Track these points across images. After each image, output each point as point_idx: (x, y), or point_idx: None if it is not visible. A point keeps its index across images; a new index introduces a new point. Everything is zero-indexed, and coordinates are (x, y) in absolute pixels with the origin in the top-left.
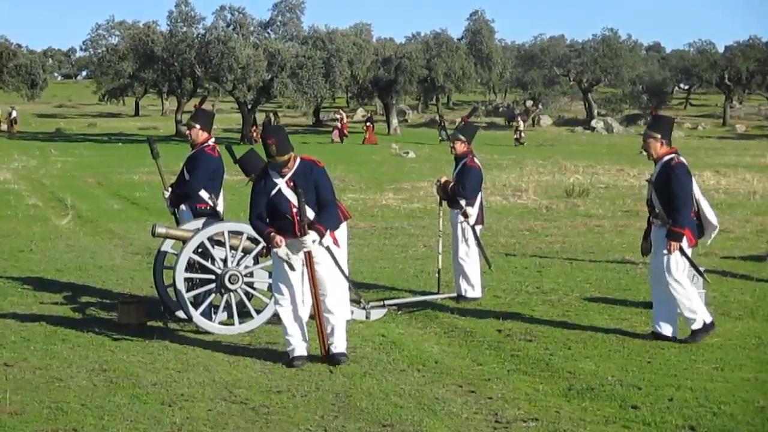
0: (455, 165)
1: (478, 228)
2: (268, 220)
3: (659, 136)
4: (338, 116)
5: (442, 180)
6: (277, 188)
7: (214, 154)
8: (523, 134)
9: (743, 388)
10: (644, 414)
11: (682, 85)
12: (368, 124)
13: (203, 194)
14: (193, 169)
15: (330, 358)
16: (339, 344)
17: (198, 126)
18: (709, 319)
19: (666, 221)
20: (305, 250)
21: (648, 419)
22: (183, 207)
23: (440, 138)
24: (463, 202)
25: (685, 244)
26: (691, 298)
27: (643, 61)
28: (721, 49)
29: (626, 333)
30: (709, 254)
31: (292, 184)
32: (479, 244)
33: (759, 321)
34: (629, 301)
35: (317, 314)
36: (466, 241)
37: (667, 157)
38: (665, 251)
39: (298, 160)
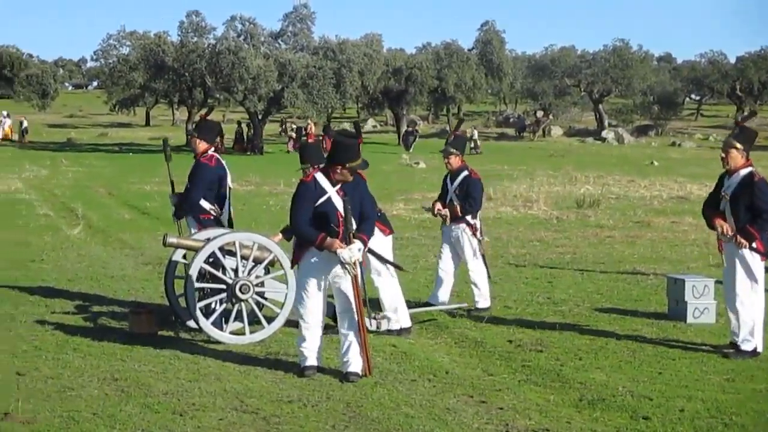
0: (451, 179)
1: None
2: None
3: (741, 147)
4: (307, 125)
5: (441, 211)
6: (327, 196)
7: (211, 164)
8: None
9: (755, 399)
10: (655, 425)
11: (693, 96)
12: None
13: (204, 204)
14: (191, 179)
15: (343, 376)
16: (354, 363)
17: (197, 136)
18: (760, 348)
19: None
20: (354, 258)
21: (659, 430)
22: (189, 218)
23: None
24: (469, 217)
25: (757, 258)
26: (755, 321)
27: (654, 71)
28: (732, 60)
29: (637, 344)
30: None
31: (342, 193)
32: (483, 255)
33: None
34: (640, 312)
35: (360, 326)
36: (474, 253)
37: (746, 171)
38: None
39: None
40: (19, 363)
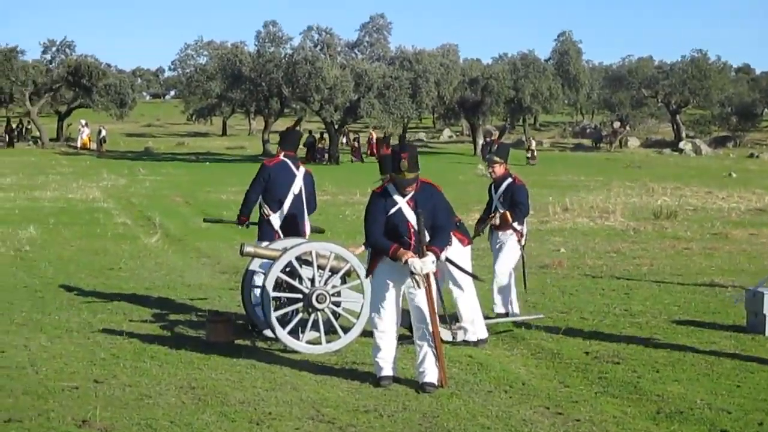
0: (495, 187)
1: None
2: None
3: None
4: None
5: (492, 219)
6: (397, 207)
7: (269, 163)
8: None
9: None
10: None
11: None
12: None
13: (264, 205)
14: None
15: (419, 386)
16: (429, 373)
17: (279, 145)
18: None
19: None
20: (426, 271)
21: None
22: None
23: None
24: (516, 223)
25: None
26: None
27: (732, 82)
28: None
29: (715, 356)
30: None
31: (413, 204)
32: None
33: None
34: (718, 324)
35: (435, 336)
36: (510, 261)
37: None
38: None
39: (420, 182)
40: (98, 371)
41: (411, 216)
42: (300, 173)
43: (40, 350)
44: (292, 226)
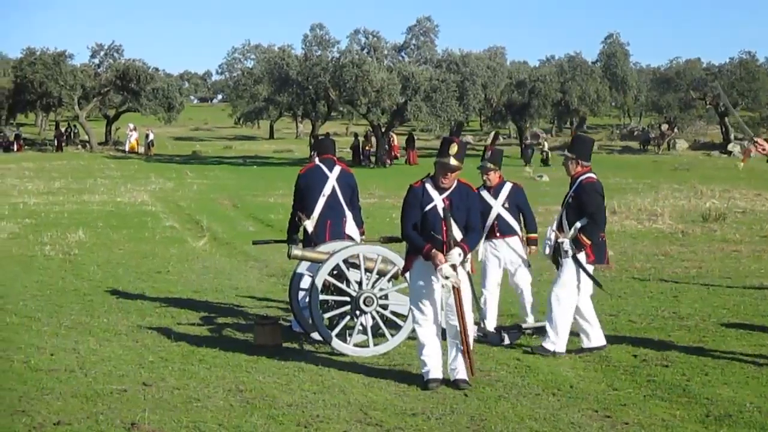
0: (494, 194)
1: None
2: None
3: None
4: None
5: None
6: (433, 203)
7: (301, 171)
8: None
9: None
10: None
11: None
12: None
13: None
14: None
15: (452, 384)
16: (461, 370)
17: (313, 150)
18: None
19: None
20: (452, 263)
21: None
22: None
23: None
24: (518, 227)
25: None
26: None
27: None
28: None
29: (765, 359)
30: None
31: (448, 202)
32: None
33: None
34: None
35: (463, 333)
36: (525, 262)
37: None
38: None
39: (456, 182)
40: (146, 373)
41: (445, 213)
42: (334, 174)
43: (89, 353)
44: (330, 229)
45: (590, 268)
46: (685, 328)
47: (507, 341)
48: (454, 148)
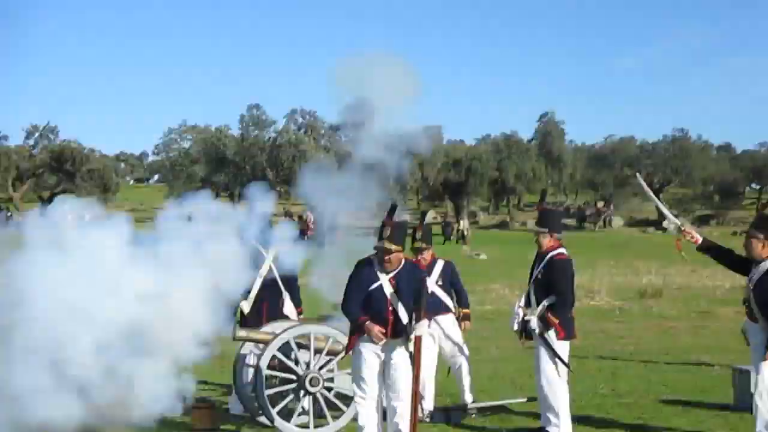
0: (428, 270)
1: None
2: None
3: (762, 236)
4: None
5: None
6: (378, 283)
7: None
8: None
9: None
10: None
11: (754, 185)
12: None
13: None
14: None
15: None
16: None
17: None
18: None
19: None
20: (417, 334)
21: None
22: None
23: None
24: (451, 304)
25: None
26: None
27: (713, 161)
28: None
29: None
30: None
31: (394, 282)
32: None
33: None
34: (706, 403)
35: (413, 406)
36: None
37: None
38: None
39: (403, 261)
40: None
41: (391, 294)
42: (270, 255)
43: None
44: (267, 310)
45: (564, 344)
46: (623, 405)
47: (452, 421)
48: (387, 232)
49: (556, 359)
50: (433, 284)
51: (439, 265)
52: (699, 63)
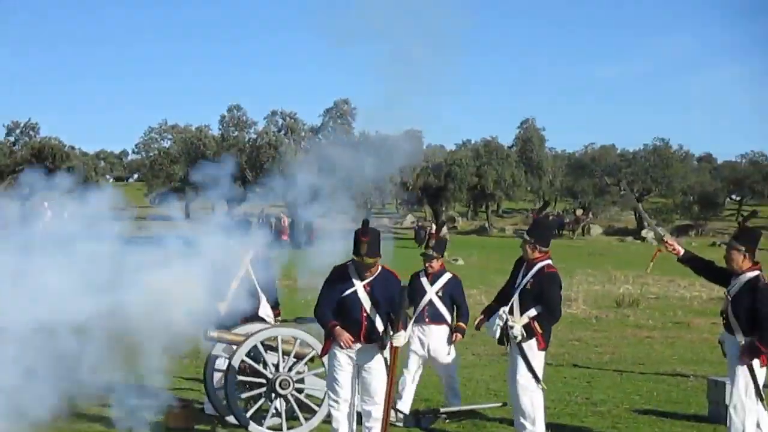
0: (432, 281)
1: None
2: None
3: (743, 248)
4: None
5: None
6: (353, 289)
7: None
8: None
9: None
10: None
11: (734, 196)
12: None
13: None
14: None
15: None
16: None
17: None
18: None
19: (744, 336)
20: (395, 344)
21: None
22: None
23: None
24: (448, 317)
25: (757, 363)
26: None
27: (694, 171)
28: None
29: None
30: None
31: (369, 289)
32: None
33: None
34: (680, 414)
35: (386, 411)
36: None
37: (751, 274)
38: (738, 365)
39: (380, 268)
40: None
41: (366, 301)
42: (247, 257)
43: None
44: (244, 313)
45: (541, 354)
46: (598, 414)
47: (422, 425)
48: (364, 248)
49: (533, 368)
50: (432, 293)
51: (445, 277)
52: (680, 73)
